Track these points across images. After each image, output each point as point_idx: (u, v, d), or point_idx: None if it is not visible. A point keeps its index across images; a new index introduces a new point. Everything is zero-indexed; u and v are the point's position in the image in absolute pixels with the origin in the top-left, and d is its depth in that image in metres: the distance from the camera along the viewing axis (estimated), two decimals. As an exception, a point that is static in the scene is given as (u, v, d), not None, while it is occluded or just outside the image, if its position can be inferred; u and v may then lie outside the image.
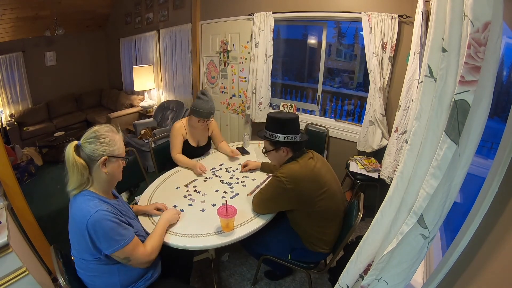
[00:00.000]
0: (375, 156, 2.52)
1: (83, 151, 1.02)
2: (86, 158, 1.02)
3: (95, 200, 1.02)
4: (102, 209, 0.98)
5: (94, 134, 1.04)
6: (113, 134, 1.08)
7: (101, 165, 1.03)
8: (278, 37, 3.16)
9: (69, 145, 1.01)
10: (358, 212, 1.33)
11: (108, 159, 1.05)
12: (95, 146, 1.02)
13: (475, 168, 1.00)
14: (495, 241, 0.68)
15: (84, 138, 1.04)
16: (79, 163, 1.00)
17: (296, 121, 1.42)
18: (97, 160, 1.03)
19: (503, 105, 1.05)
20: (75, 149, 1.01)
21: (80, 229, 0.95)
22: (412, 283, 1.17)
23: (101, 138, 1.03)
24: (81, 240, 0.97)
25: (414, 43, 1.86)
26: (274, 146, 1.42)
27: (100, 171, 1.04)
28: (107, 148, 1.04)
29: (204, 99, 1.92)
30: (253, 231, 1.35)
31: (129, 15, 4.79)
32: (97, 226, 0.95)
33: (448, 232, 1.38)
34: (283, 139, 1.37)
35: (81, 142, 1.03)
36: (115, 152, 1.07)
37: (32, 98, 4.67)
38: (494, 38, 0.56)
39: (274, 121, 1.41)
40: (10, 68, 4.32)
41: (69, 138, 3.98)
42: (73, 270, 1.11)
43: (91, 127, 1.08)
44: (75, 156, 1.00)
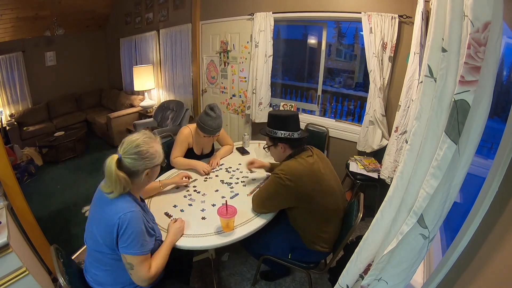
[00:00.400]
0: (375, 156, 2.52)
1: (124, 164, 1.03)
2: (128, 171, 1.03)
3: (130, 199, 1.06)
4: (136, 211, 1.01)
5: (136, 150, 1.03)
6: (153, 144, 1.09)
7: (144, 176, 1.07)
8: (278, 37, 3.16)
9: (110, 159, 1.02)
10: (358, 212, 1.33)
11: (151, 170, 1.08)
12: (138, 162, 1.04)
13: (475, 168, 1.00)
14: (495, 241, 0.68)
15: (124, 151, 1.04)
16: (122, 177, 1.01)
17: (295, 118, 1.44)
18: (141, 173, 1.06)
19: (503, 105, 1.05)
20: (117, 164, 1.01)
21: (111, 221, 0.98)
22: (412, 283, 1.17)
23: (143, 154, 1.04)
24: (106, 233, 0.99)
25: (414, 43, 1.86)
26: (272, 142, 1.47)
27: (142, 179, 1.08)
28: (150, 162, 1.07)
29: (212, 115, 1.84)
30: (253, 231, 1.35)
31: (129, 15, 4.79)
32: (129, 224, 0.98)
33: (448, 232, 1.38)
34: (280, 135, 1.41)
35: (121, 156, 1.03)
36: (157, 162, 1.10)
37: (32, 98, 4.67)
38: (494, 38, 0.56)
39: (273, 118, 1.45)
40: (10, 68, 4.32)
41: (69, 138, 3.99)
42: (73, 270, 1.12)
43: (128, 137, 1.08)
44: (117, 172, 1.00)
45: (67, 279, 1.03)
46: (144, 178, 1.08)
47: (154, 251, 1.13)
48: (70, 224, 2.44)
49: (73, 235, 2.29)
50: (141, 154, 1.04)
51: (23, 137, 4.12)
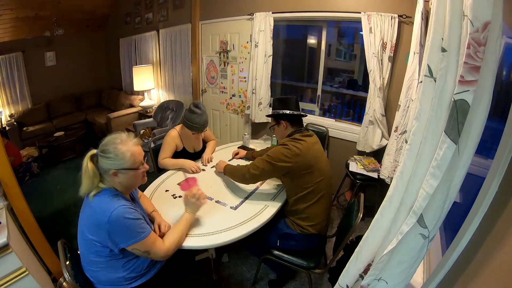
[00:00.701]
0: (375, 156, 2.52)
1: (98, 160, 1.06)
2: (99, 168, 1.07)
3: (118, 197, 1.07)
4: (123, 205, 1.03)
5: (102, 148, 1.06)
6: (122, 146, 1.06)
7: (112, 176, 1.06)
8: (277, 37, 3.15)
9: (89, 153, 1.07)
10: (359, 212, 1.33)
11: (118, 171, 1.06)
12: (102, 160, 1.05)
13: (475, 168, 1.00)
14: (494, 241, 0.68)
15: (99, 148, 1.07)
16: (90, 170, 1.04)
17: (295, 100, 1.61)
18: (107, 172, 1.06)
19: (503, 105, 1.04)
20: (91, 157, 1.07)
21: (100, 222, 0.99)
22: (412, 283, 1.17)
23: (107, 153, 1.05)
24: (99, 231, 1.01)
25: (414, 43, 1.86)
26: (276, 121, 1.61)
27: (113, 179, 1.08)
28: (113, 163, 1.05)
29: (198, 112, 1.88)
30: (254, 230, 1.36)
31: (129, 15, 4.79)
32: (119, 221, 1.00)
33: (448, 232, 1.38)
34: (281, 112, 1.57)
35: (98, 152, 1.07)
36: (124, 165, 1.06)
37: (32, 98, 4.67)
38: (493, 38, 0.57)
39: (277, 100, 1.64)
40: (10, 68, 4.32)
41: (69, 138, 3.99)
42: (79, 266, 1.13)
43: (109, 135, 1.10)
44: (88, 163, 1.05)
45: (73, 274, 1.04)
46: (114, 178, 1.06)
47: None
48: (70, 224, 2.44)
49: (73, 235, 2.24)
50: (105, 152, 1.05)
51: (23, 137, 4.12)
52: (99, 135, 4.74)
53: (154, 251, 1.09)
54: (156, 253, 1.10)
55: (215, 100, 3.78)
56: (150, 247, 1.07)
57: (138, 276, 1.13)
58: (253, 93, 3.11)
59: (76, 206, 2.73)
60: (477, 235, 0.72)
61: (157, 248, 1.10)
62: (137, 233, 1.04)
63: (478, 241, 0.72)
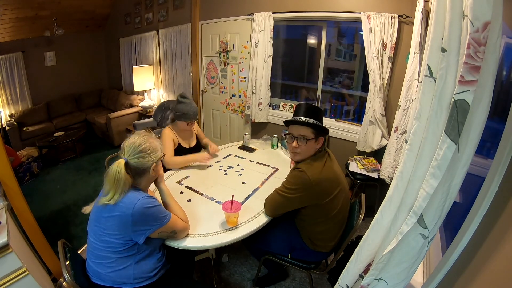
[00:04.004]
0: (375, 156, 2.52)
1: (132, 165, 1.10)
2: (135, 171, 1.11)
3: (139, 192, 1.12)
4: (143, 196, 1.08)
5: (140, 149, 1.10)
6: (151, 140, 1.16)
7: (152, 171, 1.15)
8: (277, 37, 3.15)
9: (117, 164, 1.06)
10: (359, 212, 1.33)
11: (156, 163, 1.16)
12: (145, 159, 1.11)
13: (475, 168, 1.00)
14: (495, 241, 0.68)
15: (129, 154, 1.10)
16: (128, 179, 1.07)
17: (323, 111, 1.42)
18: (149, 168, 1.14)
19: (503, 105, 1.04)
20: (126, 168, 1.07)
21: (124, 218, 1.03)
22: (412, 283, 1.17)
23: (147, 150, 1.12)
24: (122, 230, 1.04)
25: (414, 43, 1.86)
26: (315, 135, 1.31)
27: (151, 175, 1.17)
28: (154, 156, 1.15)
29: (186, 102, 1.95)
30: (255, 230, 1.36)
31: (129, 15, 4.79)
32: (142, 212, 1.04)
33: (448, 232, 1.38)
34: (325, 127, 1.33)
35: (127, 159, 1.09)
36: (160, 155, 1.18)
37: (32, 98, 4.67)
38: (493, 38, 0.57)
39: (311, 109, 1.33)
40: (10, 68, 4.31)
41: (69, 138, 3.99)
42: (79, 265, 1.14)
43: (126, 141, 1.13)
44: (126, 175, 1.06)
45: (73, 274, 1.04)
46: (152, 173, 1.16)
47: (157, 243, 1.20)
48: (70, 224, 2.44)
49: (73, 235, 2.28)
50: (145, 151, 1.11)
51: (23, 137, 4.12)
52: (99, 135, 4.74)
53: (179, 229, 1.19)
54: (181, 230, 1.20)
55: (215, 100, 3.78)
56: (174, 226, 1.16)
57: (145, 277, 1.14)
58: (253, 93, 3.11)
59: (76, 206, 2.73)
60: (477, 235, 0.72)
61: (180, 225, 1.20)
62: (161, 218, 1.11)
63: (478, 241, 0.72)
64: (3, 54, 4.19)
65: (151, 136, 1.19)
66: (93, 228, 1.10)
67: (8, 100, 4.40)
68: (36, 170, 3.43)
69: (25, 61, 4.46)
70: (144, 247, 1.12)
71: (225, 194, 1.63)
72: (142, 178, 1.16)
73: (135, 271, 1.12)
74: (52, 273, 1.70)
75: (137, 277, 1.12)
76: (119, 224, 1.04)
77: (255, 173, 1.91)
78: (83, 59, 5.37)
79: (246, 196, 1.63)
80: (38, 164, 3.54)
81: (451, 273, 0.79)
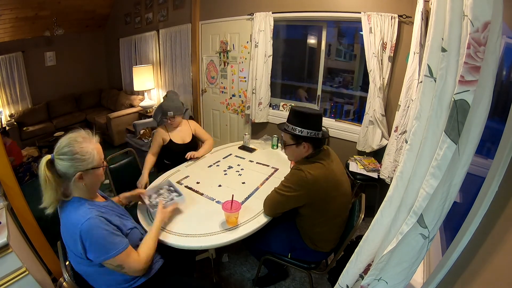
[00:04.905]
0: (375, 156, 2.52)
1: (57, 166, 0.97)
2: (60, 174, 0.98)
3: (84, 206, 0.99)
4: (92, 217, 0.95)
5: (66, 150, 0.97)
6: (85, 144, 1.01)
7: (77, 180, 0.99)
8: (277, 37, 3.15)
9: (42, 160, 0.96)
10: (359, 212, 1.33)
11: (84, 173, 0.99)
12: (68, 163, 0.96)
13: (475, 168, 1.00)
14: (495, 241, 0.68)
15: (56, 152, 0.98)
16: (51, 178, 0.95)
17: (320, 118, 1.37)
18: (73, 176, 0.98)
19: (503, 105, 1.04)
20: (48, 165, 0.96)
21: (73, 237, 0.94)
22: (412, 283, 1.17)
23: (73, 154, 0.97)
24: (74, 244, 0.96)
25: (414, 43, 1.86)
26: (295, 141, 1.36)
27: (78, 184, 1.00)
28: (80, 164, 0.98)
29: (166, 98, 2.11)
30: (255, 230, 1.36)
31: (129, 15, 4.79)
32: (89, 235, 0.93)
33: (448, 232, 1.38)
34: (306, 134, 1.32)
35: (54, 156, 0.98)
36: (89, 165, 1.00)
37: (32, 98, 4.67)
38: (493, 38, 0.56)
39: (298, 115, 1.35)
40: (10, 68, 4.32)
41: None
42: None
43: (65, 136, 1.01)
44: (46, 171, 0.95)
45: (72, 274, 1.03)
46: (78, 182, 0.99)
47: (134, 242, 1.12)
48: (70, 224, 2.44)
49: (73, 235, 2.28)
50: (70, 153, 0.96)
51: (23, 137, 4.12)
52: (99, 135, 4.73)
53: (129, 265, 1.01)
54: (130, 267, 1.02)
55: (215, 100, 3.78)
56: (123, 261, 0.99)
57: (137, 276, 1.12)
58: (253, 93, 3.11)
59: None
60: (477, 235, 0.72)
61: (131, 261, 1.02)
62: (107, 250, 0.95)
63: (478, 241, 0.72)
64: (3, 54, 4.19)
65: (90, 139, 1.04)
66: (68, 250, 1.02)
67: (8, 100, 4.41)
68: (36, 170, 3.43)
69: (25, 61, 4.46)
70: None
71: (225, 194, 1.63)
72: (68, 184, 1.00)
73: (123, 276, 1.06)
74: (52, 273, 1.70)
75: (128, 279, 1.09)
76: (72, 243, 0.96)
77: (255, 173, 1.91)
78: (83, 59, 5.37)
79: (246, 196, 1.63)
80: (38, 164, 3.53)
81: (451, 273, 0.79)
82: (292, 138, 1.37)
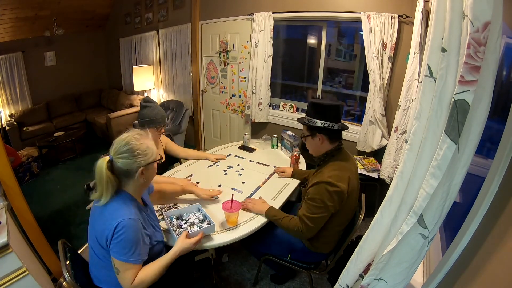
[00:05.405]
0: (375, 156, 2.52)
1: (116, 165, 1.01)
2: (121, 172, 1.02)
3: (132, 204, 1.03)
4: (135, 218, 0.99)
5: (127, 148, 1.00)
6: (143, 140, 1.05)
7: (139, 176, 1.03)
8: (277, 37, 3.15)
9: (101, 161, 1.00)
10: (360, 213, 1.33)
11: (145, 168, 1.04)
12: (131, 161, 1.00)
13: (475, 168, 1.00)
14: (495, 241, 0.68)
15: (115, 152, 1.01)
16: (111, 177, 0.99)
17: (338, 109, 1.33)
18: (135, 172, 1.02)
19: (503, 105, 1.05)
20: (108, 166, 0.99)
21: (109, 224, 0.96)
22: (412, 283, 1.17)
23: (135, 151, 1.01)
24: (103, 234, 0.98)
25: (414, 43, 1.86)
26: (310, 132, 1.36)
27: (138, 180, 1.04)
28: (143, 159, 1.02)
29: (151, 105, 1.76)
30: (254, 230, 1.36)
31: (129, 15, 4.79)
32: (124, 231, 0.96)
33: (448, 232, 1.38)
34: (320, 124, 1.31)
35: (113, 157, 1.01)
36: (150, 159, 1.05)
37: (32, 98, 4.67)
38: (494, 38, 0.57)
39: (314, 106, 1.35)
40: (10, 68, 4.32)
41: (69, 138, 3.99)
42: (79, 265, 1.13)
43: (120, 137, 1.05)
44: (108, 173, 0.98)
45: (73, 274, 1.04)
46: (140, 178, 1.03)
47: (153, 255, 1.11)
48: (70, 224, 2.44)
49: (73, 235, 2.28)
50: (132, 151, 1.00)
51: (23, 137, 4.12)
52: (99, 135, 4.73)
53: (123, 277, 0.99)
54: (122, 279, 1.00)
55: (215, 100, 3.78)
56: (124, 270, 0.99)
57: None
58: (253, 93, 3.11)
59: (76, 206, 2.73)
60: (477, 235, 0.72)
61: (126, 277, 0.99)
62: (127, 253, 0.97)
63: (478, 241, 0.72)
64: (3, 54, 4.19)
65: (147, 136, 1.08)
66: (90, 231, 1.06)
67: (8, 100, 4.41)
68: (36, 170, 3.43)
69: (25, 61, 4.46)
70: None
71: (225, 194, 1.64)
72: (128, 182, 1.04)
73: None
74: (52, 273, 1.70)
75: None
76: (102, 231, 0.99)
77: (255, 173, 1.91)
78: (83, 59, 5.37)
79: (246, 196, 1.63)
80: (38, 164, 3.54)
81: (451, 273, 0.79)
82: (308, 129, 1.37)
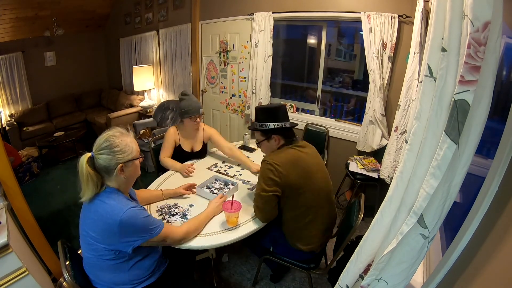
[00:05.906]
0: (375, 156, 2.52)
1: (97, 162, 1.03)
2: (101, 169, 1.04)
3: (120, 196, 1.06)
4: (132, 207, 1.03)
5: (106, 144, 1.03)
6: (123, 137, 1.07)
7: (118, 172, 1.05)
8: (277, 37, 3.15)
9: (82, 157, 1.02)
10: (359, 212, 1.33)
11: (125, 164, 1.06)
12: (109, 157, 1.02)
13: (475, 168, 1.00)
14: (494, 241, 0.68)
15: (96, 149, 1.04)
16: (92, 174, 1.01)
17: (284, 109, 1.42)
18: (114, 169, 1.04)
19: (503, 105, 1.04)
20: (89, 161, 1.02)
21: (110, 225, 0.98)
22: (412, 283, 1.17)
23: (113, 147, 1.03)
24: (106, 238, 1.00)
25: (414, 43, 1.86)
26: (265, 136, 1.42)
27: (119, 177, 1.06)
28: (122, 156, 1.05)
29: (186, 97, 1.94)
30: (255, 230, 1.36)
31: (129, 15, 4.79)
32: (131, 222, 1.00)
33: (448, 232, 1.38)
34: (273, 126, 1.38)
35: (94, 153, 1.03)
36: (129, 156, 1.07)
37: (32, 98, 4.67)
38: (494, 38, 0.56)
39: (263, 111, 1.43)
40: (10, 68, 4.31)
41: (69, 138, 3.99)
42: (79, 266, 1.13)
43: (102, 134, 1.07)
44: (88, 169, 1.00)
45: (72, 274, 1.04)
46: (120, 174, 1.05)
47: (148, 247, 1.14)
48: (70, 224, 2.44)
49: (73, 235, 2.28)
50: (110, 147, 1.03)
51: (23, 137, 4.12)
52: (99, 135, 4.72)
53: (171, 237, 1.14)
54: (173, 238, 1.15)
55: (215, 100, 3.78)
56: (166, 236, 1.11)
57: (142, 278, 1.13)
58: (253, 93, 3.11)
59: (76, 206, 2.72)
60: (477, 235, 0.72)
61: (173, 234, 1.15)
62: (150, 229, 1.06)
63: (478, 241, 0.72)
64: (3, 54, 4.19)
65: (127, 134, 1.11)
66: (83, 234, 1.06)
67: (8, 100, 4.41)
68: (36, 170, 3.44)
69: (25, 61, 4.46)
70: (137, 252, 1.08)
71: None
72: (110, 178, 1.06)
73: (130, 276, 1.09)
74: (52, 273, 1.70)
75: (133, 280, 1.10)
76: (104, 232, 1.00)
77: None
78: (83, 59, 5.36)
79: (246, 195, 1.63)
80: (38, 164, 3.54)
81: (451, 273, 0.79)
82: (262, 134, 1.43)
